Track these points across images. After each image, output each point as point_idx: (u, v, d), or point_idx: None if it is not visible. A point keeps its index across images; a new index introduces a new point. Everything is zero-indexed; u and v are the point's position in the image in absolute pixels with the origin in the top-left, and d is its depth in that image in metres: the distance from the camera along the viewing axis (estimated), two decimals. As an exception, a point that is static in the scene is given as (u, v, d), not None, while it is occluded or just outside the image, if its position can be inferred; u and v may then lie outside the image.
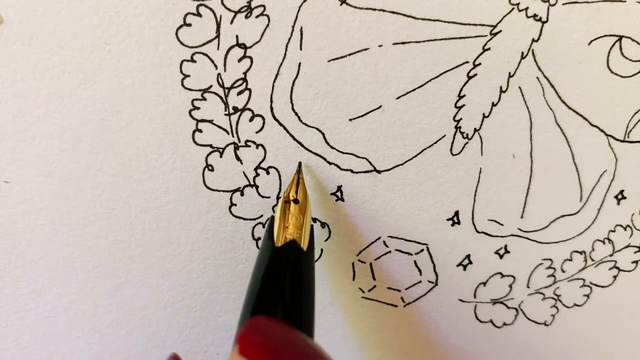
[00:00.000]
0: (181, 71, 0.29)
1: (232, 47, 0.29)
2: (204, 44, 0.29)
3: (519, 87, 0.32)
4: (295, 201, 0.31)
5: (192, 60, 0.29)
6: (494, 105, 0.33)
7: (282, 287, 0.28)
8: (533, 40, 0.31)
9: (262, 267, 0.29)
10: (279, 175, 0.33)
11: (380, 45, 0.30)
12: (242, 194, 0.33)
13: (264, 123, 0.31)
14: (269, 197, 0.33)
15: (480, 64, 0.31)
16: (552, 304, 0.39)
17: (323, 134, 0.32)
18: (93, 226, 0.32)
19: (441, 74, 0.31)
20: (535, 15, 0.31)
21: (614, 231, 0.37)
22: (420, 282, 0.37)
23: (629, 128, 0.34)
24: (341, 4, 0.29)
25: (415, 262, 0.36)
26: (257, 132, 0.31)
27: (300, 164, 0.32)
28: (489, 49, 0.31)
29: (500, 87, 0.32)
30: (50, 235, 0.32)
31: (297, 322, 0.27)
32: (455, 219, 0.35)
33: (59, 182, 0.31)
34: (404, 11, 0.30)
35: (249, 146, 0.32)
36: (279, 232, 0.30)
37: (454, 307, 0.38)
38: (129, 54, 0.29)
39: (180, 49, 0.29)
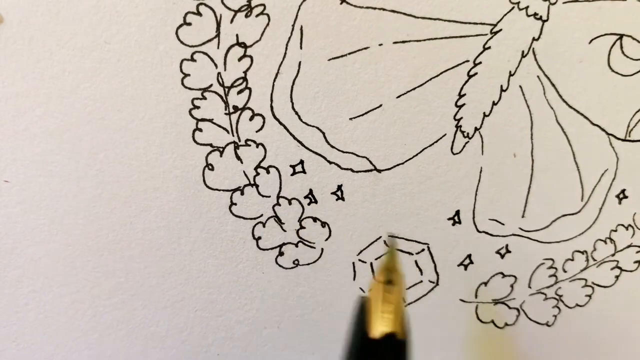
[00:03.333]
0: (181, 70, 0.29)
1: (232, 46, 0.29)
2: (204, 43, 0.29)
3: (520, 86, 0.32)
4: (389, 282, 0.26)
5: (192, 60, 0.29)
6: (494, 104, 0.32)
7: None
8: (533, 39, 0.31)
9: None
10: (279, 175, 0.33)
11: (380, 44, 0.30)
12: (242, 193, 0.33)
13: (264, 122, 0.31)
14: (269, 197, 0.33)
15: (480, 62, 0.31)
16: (554, 304, 0.39)
17: (323, 133, 0.32)
18: (93, 226, 0.32)
19: (442, 73, 0.31)
20: (535, 14, 0.31)
21: (615, 231, 0.37)
22: (421, 282, 0.37)
23: (630, 127, 0.34)
24: (341, 3, 0.29)
25: (416, 261, 0.36)
26: (257, 131, 0.31)
27: (392, 236, 0.29)
28: (489, 47, 0.31)
29: (501, 86, 0.32)
30: (50, 235, 0.32)
31: None
32: (456, 218, 0.35)
33: (59, 182, 0.31)
34: (404, 10, 0.30)
35: (249, 145, 0.32)
36: (373, 319, 0.25)
37: (455, 307, 0.38)
38: (129, 53, 0.29)
39: (181, 48, 0.29)
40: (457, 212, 0.35)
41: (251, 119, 0.31)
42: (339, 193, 0.34)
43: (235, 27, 0.29)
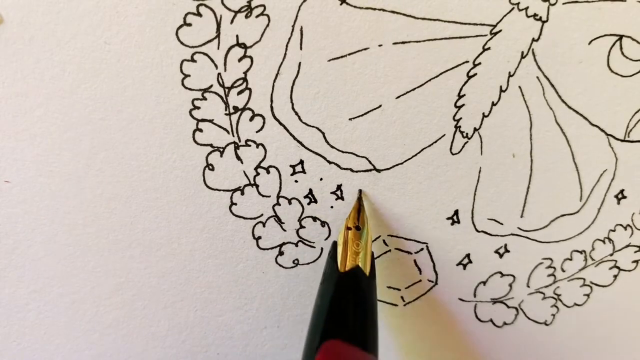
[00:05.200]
0: (181, 71, 0.29)
1: (232, 46, 0.29)
2: (204, 44, 0.29)
3: (519, 87, 0.32)
4: (357, 228, 0.32)
5: (193, 60, 0.29)
6: (493, 104, 0.33)
7: (348, 311, 0.29)
8: (533, 40, 0.31)
9: (329, 292, 0.30)
10: (279, 175, 0.33)
11: (380, 45, 0.30)
12: (242, 193, 0.33)
13: (264, 122, 0.31)
14: (269, 196, 0.33)
15: (480, 63, 0.31)
16: (552, 303, 0.39)
17: (323, 133, 0.32)
18: (93, 226, 0.32)
19: (441, 74, 0.31)
20: (535, 15, 0.31)
21: (614, 230, 0.37)
22: (420, 281, 0.37)
23: (629, 127, 0.34)
24: (341, 4, 0.29)
25: (415, 261, 0.36)
26: (257, 132, 0.31)
27: (360, 191, 0.33)
28: (489, 48, 0.31)
29: (500, 87, 0.32)
30: (50, 235, 0.32)
31: (363, 344, 0.28)
32: (455, 218, 0.35)
33: (59, 182, 0.31)
34: (404, 11, 0.30)
35: (249, 145, 0.32)
36: (343, 257, 0.31)
37: (454, 307, 0.38)
38: (129, 54, 0.29)
39: (181, 49, 0.29)
40: (456, 212, 0.35)
41: (251, 119, 0.31)
42: (338, 193, 0.34)
43: (236, 27, 0.29)
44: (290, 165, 0.33)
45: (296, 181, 0.33)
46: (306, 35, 0.30)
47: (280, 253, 0.35)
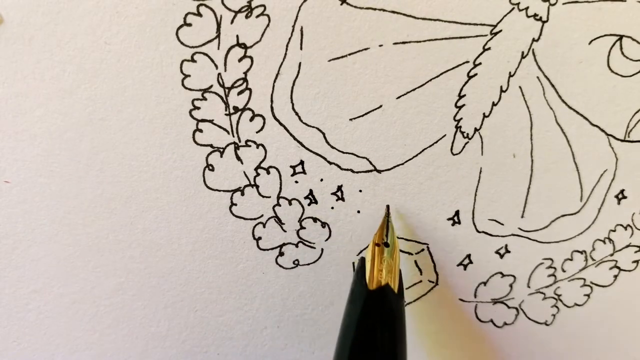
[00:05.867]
0: (181, 71, 0.29)
1: (232, 47, 0.29)
2: (204, 44, 0.29)
3: (520, 87, 0.32)
4: (386, 244, 0.31)
5: (193, 60, 0.29)
6: (494, 104, 0.33)
7: (377, 330, 0.29)
8: (533, 40, 0.31)
9: (357, 310, 0.30)
10: (280, 175, 0.33)
11: (380, 45, 0.30)
12: (242, 194, 0.33)
13: (264, 123, 0.31)
14: (270, 197, 0.33)
15: (480, 63, 0.31)
16: (552, 303, 0.39)
17: (323, 134, 0.32)
18: (93, 226, 0.32)
19: (441, 74, 0.31)
20: (535, 15, 0.31)
21: (614, 231, 0.37)
22: (421, 281, 0.37)
23: (630, 127, 0.34)
24: (341, 4, 0.29)
25: (415, 261, 0.36)
26: (257, 132, 0.31)
27: (388, 207, 0.33)
28: (489, 48, 0.31)
29: (501, 87, 0.32)
30: (50, 235, 0.32)
31: None
32: (455, 218, 0.35)
33: (59, 182, 0.31)
34: (404, 11, 0.30)
35: (250, 146, 0.32)
36: (371, 275, 0.30)
37: (454, 307, 0.38)
38: (129, 54, 0.29)
39: (181, 49, 0.29)
40: (457, 212, 0.35)
41: (251, 119, 0.31)
42: (339, 193, 0.34)
43: (236, 27, 0.29)
44: (291, 166, 0.33)
45: (296, 182, 0.33)
46: (306, 35, 0.30)
47: (281, 254, 0.35)
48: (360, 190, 0.34)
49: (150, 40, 0.29)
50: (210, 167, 0.32)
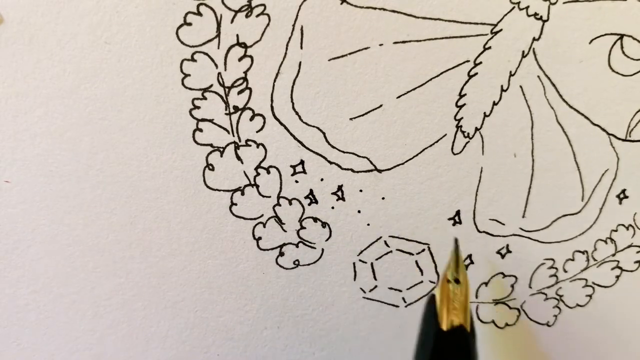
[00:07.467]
0: (181, 70, 0.29)
1: (232, 46, 0.29)
2: (204, 43, 0.29)
3: (520, 86, 0.32)
4: (457, 281, 0.30)
5: (193, 60, 0.29)
6: (495, 104, 0.32)
7: None
8: (534, 39, 0.31)
9: (428, 350, 0.29)
10: (280, 175, 0.33)
11: (380, 44, 0.30)
12: (242, 194, 0.33)
13: (264, 122, 0.31)
14: (270, 197, 0.33)
15: (481, 62, 0.31)
16: (554, 304, 0.39)
17: (324, 133, 0.32)
18: (93, 226, 0.32)
19: (442, 73, 0.31)
20: (536, 14, 0.31)
21: (616, 231, 0.37)
22: (422, 282, 0.37)
23: (631, 127, 0.34)
24: (342, 3, 0.29)
25: (416, 262, 0.36)
26: (257, 132, 0.31)
27: (456, 240, 0.32)
28: (489, 47, 0.31)
29: (501, 86, 0.32)
30: (50, 235, 0.32)
31: None
32: (456, 218, 0.35)
33: (59, 182, 0.31)
34: (405, 10, 0.30)
35: (250, 145, 0.32)
36: (443, 314, 0.29)
37: (455, 308, 0.38)
38: (129, 54, 0.29)
39: (181, 48, 0.29)
40: (458, 212, 0.35)
41: (251, 119, 0.31)
42: (339, 193, 0.34)
43: (236, 27, 0.29)
44: (291, 166, 0.33)
45: (297, 181, 0.33)
46: (307, 34, 0.30)
47: (281, 254, 0.35)
48: (361, 190, 0.34)
49: (150, 39, 0.29)
50: (210, 167, 0.32)
